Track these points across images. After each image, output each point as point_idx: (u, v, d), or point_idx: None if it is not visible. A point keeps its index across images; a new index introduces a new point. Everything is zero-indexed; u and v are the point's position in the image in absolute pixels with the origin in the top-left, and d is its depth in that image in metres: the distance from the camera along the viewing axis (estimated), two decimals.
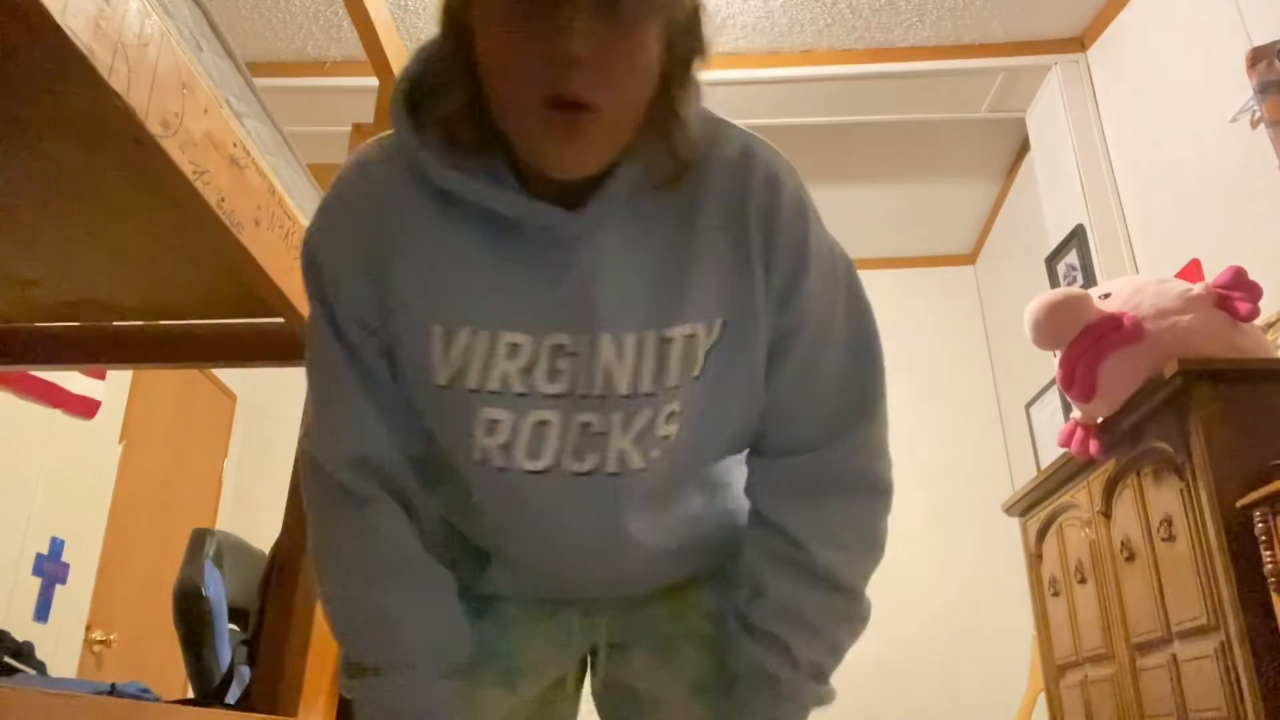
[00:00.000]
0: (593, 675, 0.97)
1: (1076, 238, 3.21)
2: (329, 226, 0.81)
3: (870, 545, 0.87)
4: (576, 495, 0.81)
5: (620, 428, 0.78)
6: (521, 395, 0.77)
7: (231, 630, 1.97)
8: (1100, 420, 2.11)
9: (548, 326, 0.77)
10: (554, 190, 0.74)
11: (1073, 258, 3.25)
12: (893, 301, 4.29)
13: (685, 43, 0.73)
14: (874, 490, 0.86)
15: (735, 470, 0.92)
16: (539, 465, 0.79)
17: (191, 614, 1.87)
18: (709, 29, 0.74)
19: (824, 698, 0.87)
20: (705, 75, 0.76)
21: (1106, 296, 2.09)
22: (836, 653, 0.86)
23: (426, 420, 0.82)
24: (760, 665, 0.84)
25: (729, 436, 0.86)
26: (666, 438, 0.80)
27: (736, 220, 0.78)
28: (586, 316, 0.76)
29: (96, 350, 1.96)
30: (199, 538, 1.99)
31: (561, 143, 0.69)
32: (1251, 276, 1.98)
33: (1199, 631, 1.76)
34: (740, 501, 0.91)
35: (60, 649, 2.94)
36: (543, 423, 0.78)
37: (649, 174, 0.75)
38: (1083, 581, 2.28)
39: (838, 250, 0.85)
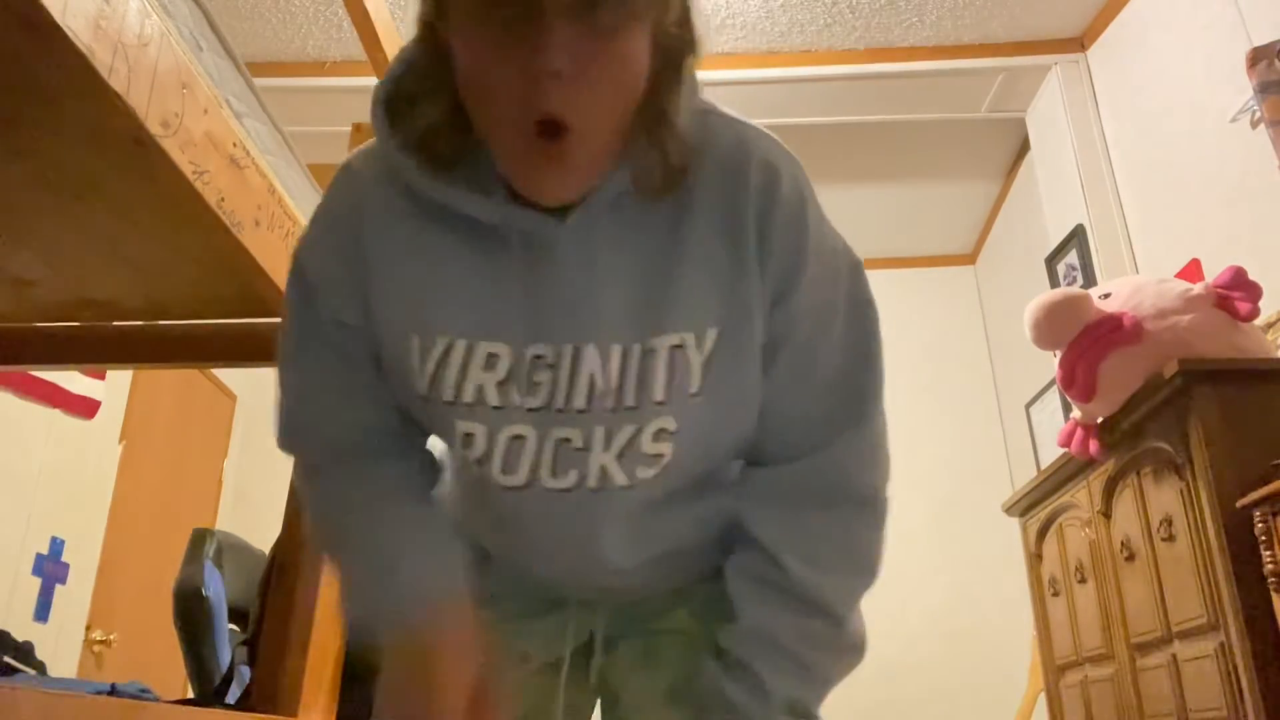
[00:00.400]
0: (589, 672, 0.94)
1: (1076, 238, 3.21)
2: (315, 234, 0.80)
3: (857, 566, 0.79)
4: (554, 512, 0.77)
5: (602, 443, 0.74)
6: (497, 409, 0.74)
7: (231, 630, 1.97)
8: (1100, 420, 2.11)
9: (528, 337, 0.73)
10: None
11: (1073, 258, 3.25)
12: (893, 301, 4.24)
13: (675, 42, 0.68)
14: (862, 503, 0.79)
15: None
16: (515, 481, 0.76)
17: (191, 614, 1.87)
18: (700, 24, 0.70)
19: None
20: (701, 73, 0.72)
21: (1106, 296, 2.09)
22: (819, 685, 0.78)
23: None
24: (720, 692, 0.76)
25: (731, 446, 0.82)
26: (659, 456, 0.75)
27: (732, 217, 0.73)
28: (570, 327, 0.73)
29: (96, 350, 1.96)
30: (199, 538, 1.99)
31: (544, 172, 0.66)
32: (1251, 276, 1.98)
33: (1199, 631, 1.76)
34: None
35: (60, 649, 2.94)
36: (518, 438, 0.75)
37: (637, 181, 0.71)
38: (1083, 581, 2.28)
39: (842, 247, 0.80)
